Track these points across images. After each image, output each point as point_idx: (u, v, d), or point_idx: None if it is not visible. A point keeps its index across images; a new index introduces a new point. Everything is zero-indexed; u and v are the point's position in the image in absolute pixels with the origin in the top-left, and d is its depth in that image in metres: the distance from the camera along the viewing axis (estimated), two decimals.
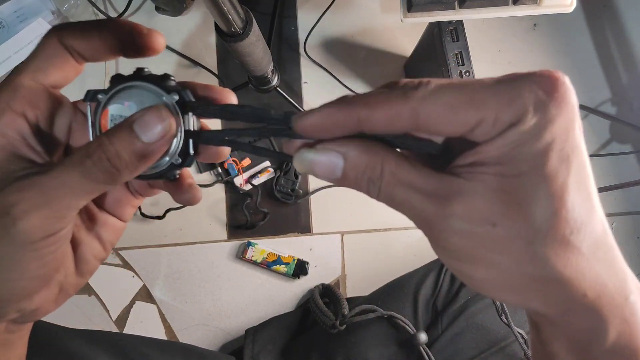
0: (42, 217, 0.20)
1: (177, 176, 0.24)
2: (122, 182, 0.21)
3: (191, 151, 0.23)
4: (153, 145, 0.21)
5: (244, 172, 0.80)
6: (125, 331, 0.79)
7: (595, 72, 0.85)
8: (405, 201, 0.20)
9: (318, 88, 0.83)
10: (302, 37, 0.84)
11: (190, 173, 0.26)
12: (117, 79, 0.22)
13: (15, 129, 0.21)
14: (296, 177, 0.79)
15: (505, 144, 0.18)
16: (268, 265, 0.78)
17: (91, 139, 0.22)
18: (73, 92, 0.25)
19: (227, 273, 0.80)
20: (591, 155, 0.83)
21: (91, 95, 0.23)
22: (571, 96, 0.18)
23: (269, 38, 0.79)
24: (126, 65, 0.83)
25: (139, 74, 0.22)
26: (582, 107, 0.84)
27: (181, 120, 0.22)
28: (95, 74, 0.82)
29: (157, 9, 0.66)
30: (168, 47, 0.82)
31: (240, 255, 0.79)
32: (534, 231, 0.18)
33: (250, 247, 0.78)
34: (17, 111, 0.21)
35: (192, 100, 0.22)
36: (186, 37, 0.83)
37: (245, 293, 0.80)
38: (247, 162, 0.79)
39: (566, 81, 0.18)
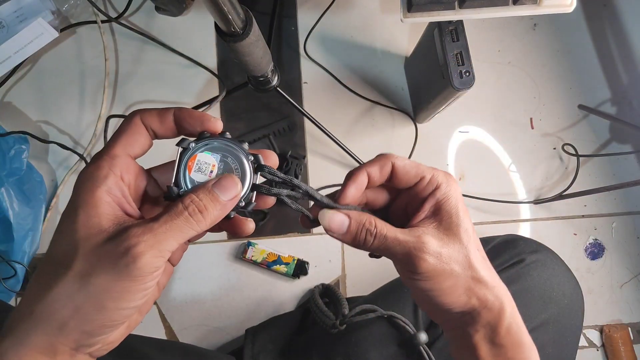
0: (153, 256, 0.25)
1: (232, 216, 0.31)
2: (206, 228, 0.28)
3: (253, 201, 0.31)
4: (228, 202, 0.29)
5: None
6: None
7: (595, 72, 0.85)
8: (392, 242, 0.31)
9: (318, 88, 0.83)
10: (302, 37, 0.84)
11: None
12: (204, 136, 0.30)
13: (119, 189, 0.28)
14: (296, 177, 0.79)
15: (431, 205, 0.33)
16: (268, 265, 0.78)
17: (175, 174, 0.29)
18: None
19: (227, 273, 0.80)
20: (591, 155, 0.83)
21: (184, 143, 0.30)
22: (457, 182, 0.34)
23: (269, 38, 0.79)
24: (126, 64, 0.83)
25: (223, 135, 0.30)
26: (582, 107, 0.84)
27: (253, 176, 0.30)
28: (95, 73, 0.82)
29: (157, 9, 0.66)
30: (168, 47, 0.82)
31: (240, 255, 0.79)
32: (465, 248, 0.32)
33: (250, 247, 0.78)
34: (117, 175, 0.28)
35: (262, 164, 0.31)
36: (186, 37, 0.83)
37: (245, 293, 0.80)
38: None
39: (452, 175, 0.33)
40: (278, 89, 0.69)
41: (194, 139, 0.30)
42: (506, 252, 0.55)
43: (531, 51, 0.85)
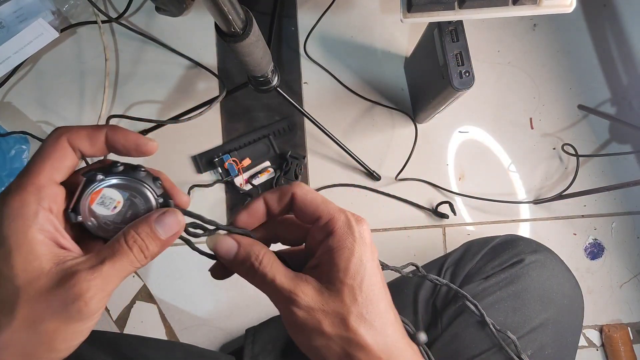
0: (102, 297, 0.26)
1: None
2: (144, 265, 0.28)
3: None
4: (170, 239, 0.28)
5: (244, 172, 0.80)
6: (126, 331, 0.79)
7: (595, 72, 0.85)
8: (269, 284, 0.30)
9: (318, 88, 0.83)
10: (302, 37, 0.84)
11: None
12: (116, 169, 0.28)
13: (50, 224, 0.26)
14: (296, 177, 0.79)
15: (322, 252, 0.30)
16: None
17: (75, 201, 0.28)
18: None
19: None
20: (591, 155, 0.83)
21: (90, 174, 0.28)
22: (368, 229, 0.31)
23: (269, 38, 0.79)
24: (126, 64, 0.83)
25: (134, 168, 0.29)
26: (581, 107, 0.84)
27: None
28: (96, 73, 0.82)
29: (158, 9, 0.66)
30: (168, 47, 0.82)
31: None
32: (345, 307, 0.28)
33: None
34: (47, 209, 0.26)
35: (171, 204, 0.30)
36: (186, 37, 0.83)
37: (246, 293, 0.80)
38: (247, 162, 0.80)
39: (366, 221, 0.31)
40: (278, 89, 0.69)
41: (101, 169, 0.28)
42: (506, 252, 0.55)
43: (531, 51, 0.85)
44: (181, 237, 0.31)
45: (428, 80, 0.68)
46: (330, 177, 0.81)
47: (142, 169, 0.29)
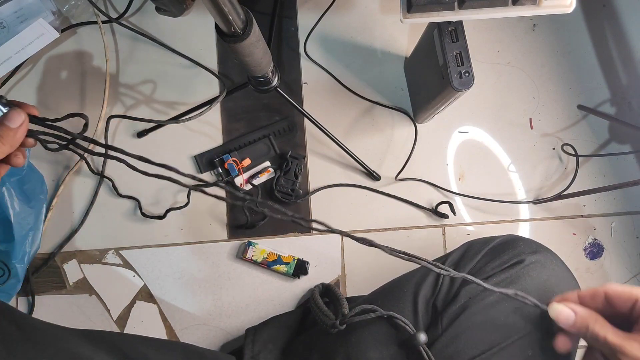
0: None
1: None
2: (8, 151, 0.39)
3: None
4: (19, 130, 0.39)
5: (244, 172, 0.80)
6: (126, 331, 0.80)
7: (595, 72, 0.85)
8: (603, 341, 0.39)
9: (318, 88, 0.83)
10: (302, 37, 0.84)
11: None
12: None
13: None
14: (296, 177, 0.80)
15: None
16: (268, 265, 0.78)
17: None
18: None
19: (228, 273, 0.80)
20: (590, 156, 0.83)
21: None
22: None
23: (269, 38, 0.79)
24: (126, 65, 0.83)
25: None
26: (581, 107, 0.84)
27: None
28: (96, 73, 0.82)
29: (158, 9, 0.66)
30: (168, 48, 0.82)
31: (241, 255, 0.80)
32: None
33: (250, 246, 0.79)
34: None
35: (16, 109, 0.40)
36: (186, 37, 0.83)
37: (246, 293, 0.80)
38: (247, 162, 0.80)
39: None
40: (278, 89, 0.69)
41: None
42: (506, 252, 0.55)
43: (530, 51, 0.85)
44: (33, 135, 0.41)
45: (428, 80, 0.68)
46: (330, 177, 0.82)
47: None
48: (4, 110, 0.40)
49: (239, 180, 0.79)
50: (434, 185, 0.82)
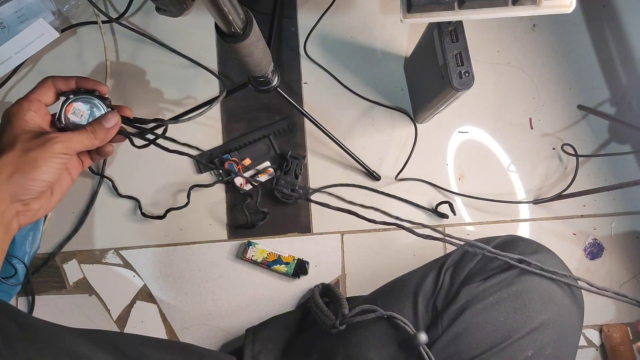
0: (65, 147, 0.44)
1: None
2: (99, 145, 0.48)
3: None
4: (111, 129, 0.48)
5: (244, 172, 0.80)
6: (126, 331, 0.80)
7: (595, 72, 0.85)
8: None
9: (318, 88, 0.83)
10: (302, 37, 0.84)
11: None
12: (78, 92, 0.48)
13: (37, 118, 0.46)
14: (296, 177, 0.80)
15: None
16: (268, 265, 0.78)
17: (58, 112, 0.47)
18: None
19: (228, 273, 0.80)
20: (590, 156, 0.83)
21: (66, 94, 0.48)
22: None
23: (269, 38, 0.79)
24: (127, 65, 0.83)
25: (93, 93, 0.49)
26: (581, 107, 0.84)
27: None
28: (96, 74, 0.82)
29: (158, 9, 0.66)
30: (168, 48, 0.82)
31: (241, 255, 0.80)
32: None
33: (250, 246, 0.79)
34: (34, 110, 0.46)
35: (115, 111, 0.50)
36: (186, 37, 0.83)
37: (246, 293, 0.80)
38: (247, 162, 0.80)
39: None
40: (278, 89, 0.69)
41: (72, 92, 0.48)
42: (506, 252, 0.55)
43: (530, 52, 0.85)
44: (123, 133, 0.50)
45: (428, 80, 0.68)
46: (330, 177, 0.82)
47: (96, 93, 0.48)
48: (105, 110, 0.48)
49: (238, 180, 0.79)
50: (434, 185, 0.82)
